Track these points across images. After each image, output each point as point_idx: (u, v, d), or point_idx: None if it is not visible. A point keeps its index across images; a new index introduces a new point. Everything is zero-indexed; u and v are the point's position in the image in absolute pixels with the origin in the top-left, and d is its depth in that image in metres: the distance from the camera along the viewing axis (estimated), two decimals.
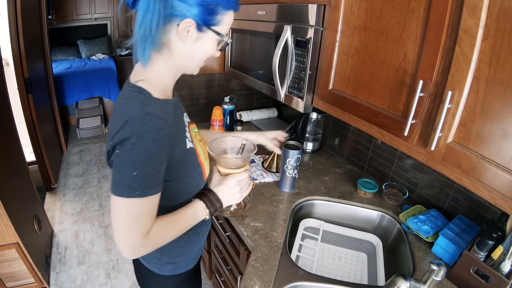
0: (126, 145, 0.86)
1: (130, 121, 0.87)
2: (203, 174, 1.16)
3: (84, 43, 6.77)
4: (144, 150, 0.87)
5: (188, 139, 1.11)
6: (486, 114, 0.90)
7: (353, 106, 1.36)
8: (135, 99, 0.93)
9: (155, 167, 0.91)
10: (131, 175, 0.87)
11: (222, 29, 0.99)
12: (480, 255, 1.22)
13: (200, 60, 1.04)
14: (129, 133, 0.86)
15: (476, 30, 0.86)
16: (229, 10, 0.97)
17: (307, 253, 1.63)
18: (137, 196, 0.89)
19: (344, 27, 1.35)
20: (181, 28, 0.92)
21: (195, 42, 0.97)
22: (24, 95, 3.36)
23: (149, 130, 0.88)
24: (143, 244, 0.96)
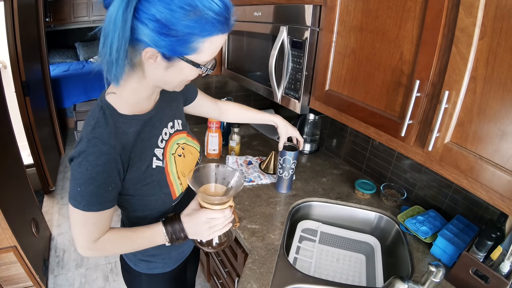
0: (75, 162, 0.90)
1: (81, 141, 0.90)
2: (171, 194, 1.11)
3: (81, 46, 6.77)
4: (87, 171, 0.88)
5: (158, 157, 1.07)
6: (483, 114, 0.89)
7: (350, 107, 1.36)
8: (93, 116, 0.94)
9: (99, 187, 0.91)
10: (76, 190, 0.90)
11: (201, 58, 0.87)
12: (479, 256, 1.22)
13: (179, 83, 0.96)
14: (77, 152, 0.89)
15: (473, 29, 0.86)
16: (210, 37, 0.83)
17: (305, 255, 1.62)
18: (81, 209, 0.92)
19: (340, 28, 1.34)
20: (145, 56, 0.84)
21: (166, 70, 0.88)
22: (22, 98, 3.35)
23: (93, 153, 0.89)
24: (90, 248, 1.00)
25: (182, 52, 0.83)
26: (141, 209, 1.11)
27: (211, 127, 2.08)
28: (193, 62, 0.86)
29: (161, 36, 0.78)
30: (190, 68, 0.88)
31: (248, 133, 2.68)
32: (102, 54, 0.83)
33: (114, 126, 0.94)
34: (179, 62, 0.86)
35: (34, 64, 3.83)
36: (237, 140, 2.19)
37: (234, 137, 2.18)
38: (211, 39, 0.83)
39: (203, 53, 0.86)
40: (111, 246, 1.03)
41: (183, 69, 0.88)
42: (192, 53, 0.84)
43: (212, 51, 0.87)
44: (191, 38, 0.80)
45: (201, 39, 0.82)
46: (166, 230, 1.04)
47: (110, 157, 0.91)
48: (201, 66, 0.88)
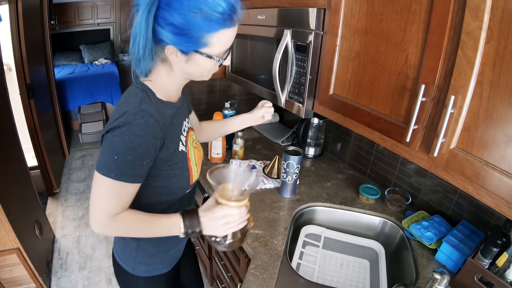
0: (116, 131, 0.95)
1: (126, 114, 0.96)
2: (190, 178, 1.20)
3: (86, 48, 6.80)
4: (129, 141, 0.95)
5: (182, 142, 1.18)
6: (490, 119, 0.88)
7: (354, 111, 1.34)
8: (136, 95, 1.02)
9: (136, 158, 0.97)
10: (112, 158, 0.95)
11: (213, 50, 1.00)
12: (484, 263, 1.20)
13: (201, 73, 1.09)
14: (122, 122, 0.95)
15: (479, 33, 0.85)
16: (217, 31, 0.96)
17: (308, 261, 1.61)
18: (112, 178, 0.96)
19: (344, 31, 1.34)
20: (167, 53, 0.99)
21: (187, 63, 1.02)
22: (26, 100, 3.36)
23: (139, 125, 0.96)
24: (106, 223, 1.02)
25: (195, 47, 0.97)
26: (158, 193, 1.16)
27: None
28: (206, 54, 0.99)
29: (176, 36, 0.94)
30: (205, 59, 1.01)
31: (252, 136, 2.67)
32: (132, 52, 1.00)
33: (156, 104, 1.05)
34: (195, 56, 0.99)
35: (38, 67, 3.85)
36: (240, 144, 2.18)
37: (238, 141, 2.17)
38: (219, 34, 0.96)
39: (214, 46, 0.98)
40: (127, 225, 1.06)
41: (199, 61, 1.01)
42: (204, 47, 0.97)
43: (222, 43, 0.99)
44: (201, 34, 0.94)
45: (210, 35, 0.95)
46: (184, 223, 1.08)
47: (154, 130, 0.99)
48: (213, 57, 1.01)
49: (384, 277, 1.47)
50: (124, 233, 1.10)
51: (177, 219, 1.08)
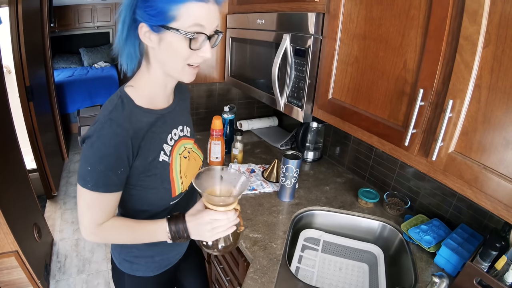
0: (88, 141, 0.95)
1: (98, 122, 0.97)
2: (171, 190, 1.15)
3: (86, 51, 6.82)
4: (99, 151, 0.95)
5: (165, 152, 1.14)
6: (488, 123, 0.88)
7: (353, 115, 1.35)
8: (111, 102, 1.02)
9: (108, 168, 0.97)
10: (86, 168, 0.96)
11: (181, 25, 0.93)
12: (483, 266, 1.20)
13: (177, 63, 1.01)
14: (92, 132, 0.95)
15: (477, 37, 0.85)
16: (185, 3, 0.91)
17: (307, 264, 1.61)
18: (89, 189, 0.97)
19: (343, 36, 1.34)
20: (140, 35, 0.97)
21: (159, 44, 0.97)
22: (26, 103, 3.37)
23: (107, 134, 0.95)
24: (94, 232, 1.04)
25: (163, 21, 0.92)
26: (139, 202, 1.14)
27: (213, 134, 2.07)
28: (174, 29, 0.93)
29: (146, 10, 0.92)
30: (178, 41, 0.95)
31: (251, 140, 2.68)
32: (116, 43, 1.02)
33: (130, 112, 1.02)
34: (166, 34, 0.95)
35: (38, 69, 3.85)
36: (239, 148, 2.18)
37: (237, 145, 2.17)
38: (186, 6, 0.91)
39: (182, 19, 0.92)
40: (113, 233, 1.08)
41: (171, 42, 0.96)
42: (172, 21, 0.92)
43: (191, 17, 0.93)
44: (168, 6, 0.90)
45: (176, 6, 0.90)
46: (170, 228, 1.08)
47: (122, 140, 0.97)
48: (181, 31, 0.93)
49: (383, 281, 1.47)
50: (113, 240, 1.13)
51: (163, 224, 1.08)
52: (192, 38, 0.95)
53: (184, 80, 1.07)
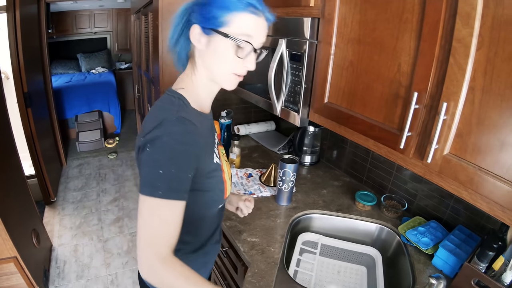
0: (156, 143, 0.87)
1: (164, 122, 0.90)
2: (224, 191, 1.14)
3: (84, 57, 6.84)
4: (172, 150, 0.88)
5: (216, 154, 1.14)
6: (482, 125, 0.89)
7: (349, 119, 1.35)
8: (173, 103, 0.99)
9: (181, 170, 0.89)
10: (156, 172, 0.86)
11: (230, 30, 0.94)
12: (481, 267, 1.21)
13: (222, 69, 1.01)
14: (161, 132, 0.88)
15: (470, 40, 0.86)
16: (238, 12, 0.93)
17: (306, 268, 1.61)
18: (159, 197, 0.85)
19: (338, 40, 1.35)
20: (191, 35, 0.98)
21: (207, 47, 0.98)
22: (24, 109, 3.37)
23: (180, 132, 0.90)
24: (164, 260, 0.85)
25: (215, 24, 0.94)
26: (197, 207, 1.07)
27: None
28: (223, 33, 0.94)
29: (201, 13, 0.95)
30: (226, 46, 0.96)
31: (249, 145, 2.68)
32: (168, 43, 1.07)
33: (193, 113, 1.01)
34: (215, 38, 0.96)
35: (36, 75, 3.85)
36: (237, 153, 2.18)
37: (234, 150, 2.18)
38: (239, 15, 0.93)
39: (233, 26, 0.94)
40: (179, 274, 0.88)
41: (218, 46, 0.97)
42: (223, 25, 0.94)
43: (241, 26, 0.95)
44: (222, 11, 0.93)
45: (230, 13, 0.93)
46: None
47: (195, 138, 0.94)
48: (229, 35, 0.94)
49: (381, 283, 1.48)
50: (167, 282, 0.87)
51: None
52: (239, 45, 0.96)
53: (226, 87, 1.06)
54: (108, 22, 6.88)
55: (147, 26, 3.13)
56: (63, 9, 6.16)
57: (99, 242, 3.37)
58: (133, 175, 4.67)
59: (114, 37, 7.13)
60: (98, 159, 5.17)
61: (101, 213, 3.82)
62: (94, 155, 5.27)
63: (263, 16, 0.98)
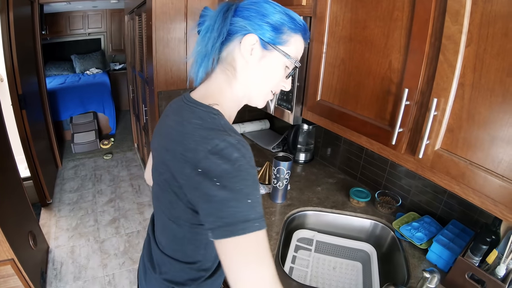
0: (225, 173, 0.74)
1: (223, 145, 0.76)
2: None
3: (78, 58, 6.81)
4: (250, 175, 0.77)
5: None
6: (472, 120, 0.90)
7: (341, 116, 1.37)
8: (218, 122, 0.85)
9: (259, 194, 0.79)
10: (245, 204, 0.74)
11: (289, 51, 0.92)
12: (474, 260, 1.22)
13: (265, 86, 0.97)
14: (224, 158, 0.75)
15: (459, 37, 0.87)
16: (296, 34, 0.92)
17: (301, 264, 1.62)
18: (256, 230, 0.74)
19: (330, 39, 1.36)
20: (244, 44, 0.89)
21: (259, 61, 0.92)
22: (18, 111, 3.35)
23: (246, 155, 0.78)
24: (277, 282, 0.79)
25: (276, 41, 0.90)
26: None
27: None
28: (284, 52, 0.91)
29: (263, 24, 0.88)
30: (279, 64, 0.93)
31: None
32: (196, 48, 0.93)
33: None
34: (273, 52, 0.91)
35: (30, 77, 3.84)
36: None
37: None
38: (296, 36, 0.92)
39: (291, 46, 0.92)
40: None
41: (273, 62, 0.93)
42: (283, 44, 0.91)
43: (297, 49, 0.94)
44: (283, 28, 0.90)
45: (290, 33, 0.91)
46: None
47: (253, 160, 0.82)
48: (291, 56, 0.93)
49: (377, 279, 1.49)
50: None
51: None
52: (296, 67, 0.96)
53: (258, 104, 1.02)
54: (102, 23, 6.85)
55: (141, 26, 3.13)
56: (57, 10, 6.14)
57: (95, 243, 3.36)
58: (128, 176, 4.66)
59: (108, 38, 7.11)
60: (93, 160, 5.15)
61: (97, 214, 3.82)
62: (89, 156, 5.26)
63: (306, 42, 0.99)
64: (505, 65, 0.80)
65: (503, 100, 0.82)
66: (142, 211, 3.84)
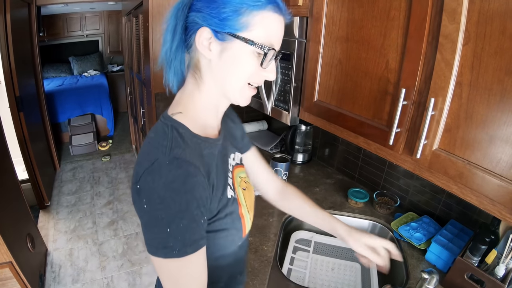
0: (152, 197, 0.72)
1: (156, 165, 0.73)
2: (242, 229, 0.94)
3: (75, 60, 6.81)
4: (175, 203, 0.71)
5: (230, 186, 0.93)
6: (470, 119, 0.90)
7: (339, 117, 1.36)
8: (165, 136, 0.79)
9: (192, 219, 0.73)
10: (164, 232, 0.71)
11: (254, 35, 0.77)
12: (473, 260, 1.22)
13: (236, 81, 0.83)
14: (154, 182, 0.72)
15: (457, 35, 0.87)
16: (261, 10, 0.76)
17: (299, 266, 1.62)
18: (176, 256, 0.72)
19: (326, 39, 1.36)
20: (198, 41, 0.79)
21: (220, 56, 0.80)
22: (16, 113, 3.34)
23: (177, 179, 0.72)
24: None
25: (233, 28, 0.76)
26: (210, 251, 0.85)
27: None
28: (245, 38, 0.77)
29: (211, 12, 0.76)
30: (247, 54, 0.79)
31: None
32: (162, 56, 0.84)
33: (193, 145, 0.81)
34: (232, 43, 0.78)
35: (28, 79, 3.83)
36: None
37: None
38: (263, 14, 0.77)
39: (255, 29, 0.77)
40: None
41: (237, 53, 0.79)
42: (243, 29, 0.76)
43: (265, 30, 0.78)
44: (240, 10, 0.75)
45: (252, 12, 0.76)
46: None
47: (198, 180, 0.75)
48: (254, 42, 0.77)
49: (375, 280, 1.48)
50: None
51: None
52: (266, 53, 0.79)
53: (240, 102, 0.88)
54: (100, 24, 6.85)
55: (138, 28, 3.13)
56: (54, 12, 6.13)
57: (94, 245, 3.36)
58: (126, 178, 4.65)
59: (105, 39, 7.10)
60: (91, 162, 5.15)
61: (96, 216, 3.81)
62: (87, 159, 5.25)
63: (282, 14, 0.81)
64: (503, 63, 0.80)
65: (501, 99, 0.82)
66: None
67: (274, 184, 1.30)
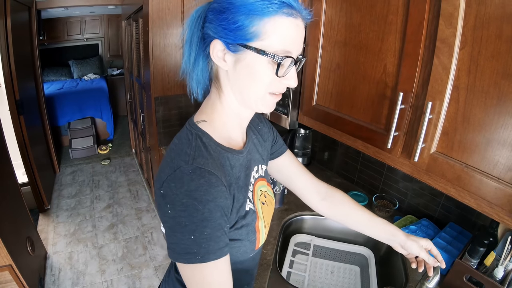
0: (176, 205, 0.72)
1: (178, 172, 0.74)
2: (255, 243, 0.93)
3: (75, 64, 6.82)
4: (197, 211, 0.71)
5: (250, 199, 0.93)
6: (467, 123, 0.91)
7: (337, 120, 1.37)
8: (189, 144, 0.80)
9: (215, 228, 0.74)
10: (188, 239, 0.72)
11: (267, 43, 0.73)
12: (472, 263, 1.22)
13: (255, 91, 0.80)
14: (178, 189, 0.72)
15: (454, 40, 0.88)
16: (273, 16, 0.72)
17: (299, 269, 1.62)
18: (198, 262, 0.73)
19: (325, 43, 1.37)
20: (212, 53, 0.78)
21: (235, 67, 0.78)
22: (16, 116, 3.35)
23: (199, 188, 0.72)
24: None
25: (243, 38, 0.74)
26: None
27: None
28: (257, 48, 0.73)
29: (221, 23, 0.74)
30: (261, 64, 0.75)
31: None
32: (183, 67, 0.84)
33: (216, 155, 0.82)
34: (245, 53, 0.75)
35: (28, 83, 3.84)
36: None
37: None
38: (274, 20, 0.72)
39: (269, 38, 0.73)
40: None
41: (252, 65, 0.76)
42: (255, 38, 0.73)
43: (280, 36, 0.74)
44: (250, 19, 0.72)
45: (261, 20, 0.72)
46: None
47: (220, 190, 0.75)
48: (266, 52, 0.73)
49: (375, 282, 1.48)
50: None
51: None
52: (280, 63, 0.75)
53: (263, 110, 0.85)
54: (100, 28, 6.86)
55: (138, 32, 3.13)
56: (54, 16, 6.14)
57: (93, 249, 3.35)
58: (126, 181, 4.65)
59: (105, 43, 7.11)
60: (91, 165, 5.14)
61: (95, 220, 3.81)
62: (87, 162, 5.25)
63: (300, 16, 0.76)
64: (499, 67, 0.81)
65: (498, 102, 0.83)
66: (140, 217, 3.82)
67: (316, 188, 1.24)
